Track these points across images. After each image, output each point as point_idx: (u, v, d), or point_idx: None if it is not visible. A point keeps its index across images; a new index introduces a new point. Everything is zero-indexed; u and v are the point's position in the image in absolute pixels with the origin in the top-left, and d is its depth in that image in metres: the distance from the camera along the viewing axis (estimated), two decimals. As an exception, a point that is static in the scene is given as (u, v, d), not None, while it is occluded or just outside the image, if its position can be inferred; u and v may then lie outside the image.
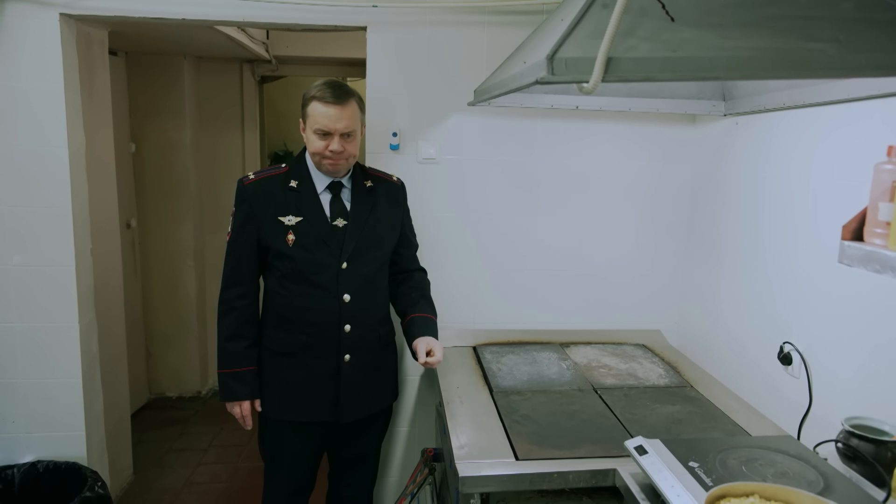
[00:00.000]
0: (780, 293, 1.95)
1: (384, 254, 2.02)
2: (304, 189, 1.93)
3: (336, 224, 1.92)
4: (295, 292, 1.91)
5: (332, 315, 1.91)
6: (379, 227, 1.99)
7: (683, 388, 2.05)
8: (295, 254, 1.88)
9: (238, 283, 1.94)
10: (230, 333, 1.94)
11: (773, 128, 2.01)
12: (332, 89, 1.82)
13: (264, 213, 1.90)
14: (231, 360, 1.94)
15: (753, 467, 1.34)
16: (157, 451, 3.45)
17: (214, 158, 4.20)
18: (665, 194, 2.55)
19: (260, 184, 1.93)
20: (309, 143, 1.88)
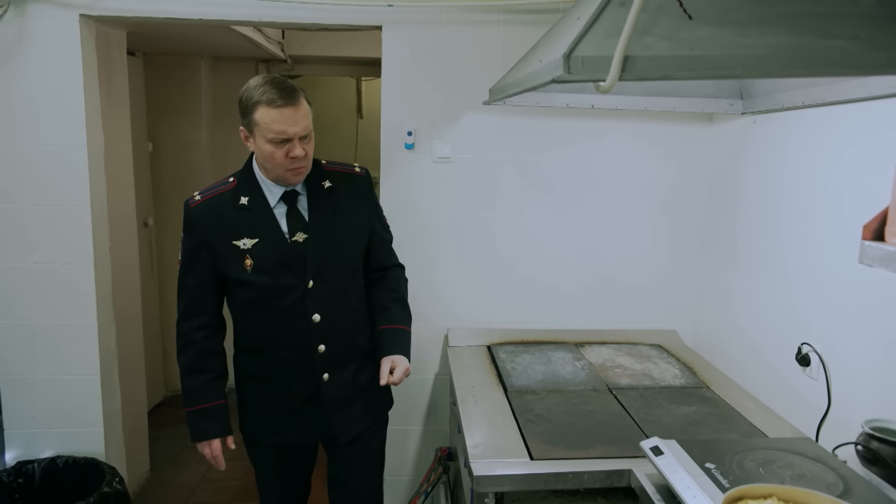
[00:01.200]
0: (798, 293, 1.93)
1: (354, 261, 1.85)
2: (256, 205, 1.73)
3: (296, 240, 1.73)
4: (260, 319, 1.76)
5: (302, 338, 1.76)
6: (343, 232, 1.80)
7: (699, 388, 2.04)
8: (255, 279, 1.71)
9: (197, 314, 1.79)
10: (190, 368, 1.79)
11: (791, 126, 1.99)
12: (279, 89, 1.60)
13: (217, 238, 1.71)
14: (195, 396, 1.79)
15: (771, 469, 1.33)
16: (173, 447, 3.48)
17: (229, 157, 4.22)
18: (681, 193, 2.53)
19: (208, 205, 1.73)
20: (262, 154, 1.66)
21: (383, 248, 1.95)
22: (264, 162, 1.68)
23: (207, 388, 1.79)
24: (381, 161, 2.45)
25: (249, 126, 1.65)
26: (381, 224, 1.94)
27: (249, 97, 1.62)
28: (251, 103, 1.62)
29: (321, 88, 5.49)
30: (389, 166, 2.45)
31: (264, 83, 1.62)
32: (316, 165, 1.81)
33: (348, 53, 4.06)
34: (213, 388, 1.79)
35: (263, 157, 1.66)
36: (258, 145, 1.65)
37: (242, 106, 1.64)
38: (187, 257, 1.76)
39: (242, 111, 1.65)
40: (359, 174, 1.88)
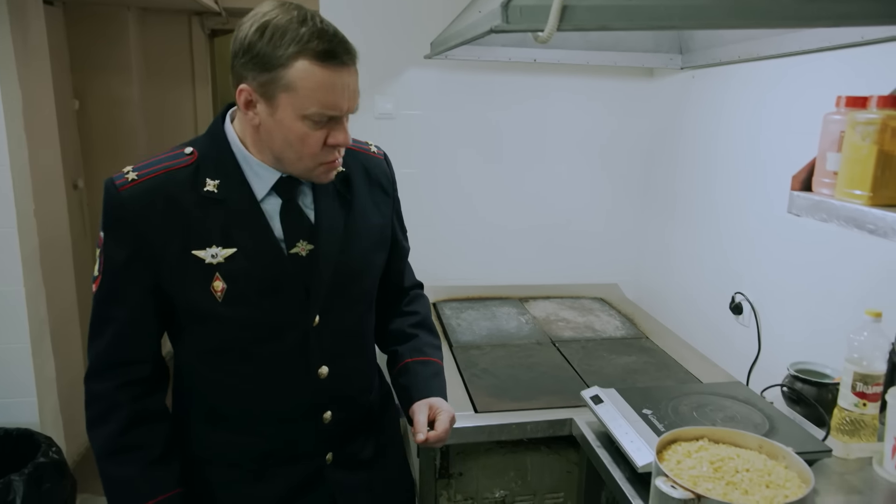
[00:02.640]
0: (731, 245, 1.99)
1: (374, 284, 1.28)
2: (233, 195, 1.09)
3: (296, 252, 1.12)
4: (234, 373, 1.13)
5: (301, 403, 1.17)
6: (362, 241, 1.21)
7: (639, 339, 2.10)
8: (229, 312, 1.08)
9: (124, 364, 1.10)
10: (114, 448, 1.10)
11: (727, 81, 2.02)
12: (333, 39, 1.01)
13: (164, 244, 1.06)
14: (127, 492, 1.10)
15: (704, 412, 1.38)
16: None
17: (164, 115, 4.05)
18: (622, 148, 2.56)
19: (150, 188, 1.06)
20: (282, 135, 1.04)
21: (403, 263, 1.41)
22: (282, 147, 1.06)
23: (150, 475, 1.11)
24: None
25: (271, 87, 1.00)
26: (401, 228, 1.38)
27: (280, 39, 0.99)
28: (285, 51, 0.98)
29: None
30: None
31: (306, 21, 1.00)
32: None
33: (286, 5, 3.90)
34: (160, 474, 1.12)
35: (284, 140, 1.04)
36: (281, 119, 1.02)
37: (258, 52, 1.00)
38: (111, 275, 1.08)
39: (258, 60, 1.00)
40: (377, 155, 1.31)
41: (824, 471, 1.27)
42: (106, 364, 1.11)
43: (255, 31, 1.00)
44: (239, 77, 1.04)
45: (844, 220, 1.05)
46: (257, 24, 1.01)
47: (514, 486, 1.61)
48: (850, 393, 1.31)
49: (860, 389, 1.30)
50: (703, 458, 1.06)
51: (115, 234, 1.07)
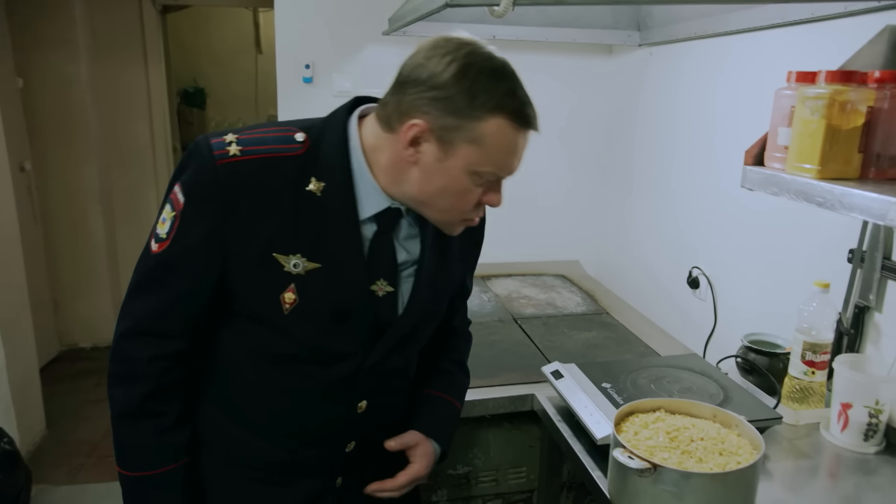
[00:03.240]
0: (688, 220, 2.03)
1: (433, 327, 1.21)
2: (337, 204, 0.99)
3: (375, 290, 1.04)
4: (277, 388, 1.08)
5: (333, 432, 1.12)
6: (444, 292, 1.17)
7: (600, 314, 2.13)
8: (290, 327, 1.01)
9: (161, 335, 1.02)
10: (133, 411, 1.04)
11: (683, 58, 2.04)
12: (527, 102, 0.97)
13: (249, 235, 0.97)
14: (140, 453, 1.06)
15: (661, 384, 1.41)
16: (71, 403, 3.32)
17: (115, 94, 3.92)
18: (582, 125, 2.57)
19: (252, 170, 0.96)
20: (446, 187, 0.97)
21: (462, 305, 1.34)
22: (435, 194, 0.98)
23: (162, 443, 1.06)
24: (278, 96, 2.33)
25: (456, 134, 0.92)
26: (471, 272, 1.31)
27: (481, 89, 0.90)
28: (485, 103, 0.91)
29: (216, 22, 5.15)
30: (287, 102, 2.33)
31: (506, 73, 0.94)
32: None
33: (241, -19, 3.80)
34: (171, 441, 1.07)
35: (444, 188, 0.96)
36: (450, 168, 0.94)
37: (452, 95, 0.90)
38: (182, 243, 0.98)
39: (450, 103, 0.90)
40: None
41: (775, 437, 1.31)
42: (145, 329, 1.02)
43: (454, 69, 0.90)
44: (413, 109, 0.92)
45: (794, 193, 1.07)
46: (458, 64, 0.90)
47: (478, 462, 1.63)
48: (800, 362, 1.36)
49: (809, 358, 1.34)
50: (659, 428, 1.08)
51: (200, 206, 0.96)
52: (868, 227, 1.36)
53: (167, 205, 1.00)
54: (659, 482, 0.95)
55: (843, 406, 1.27)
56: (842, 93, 1.02)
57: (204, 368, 1.11)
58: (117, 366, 1.04)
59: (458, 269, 1.18)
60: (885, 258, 1.32)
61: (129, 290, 1.03)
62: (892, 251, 1.32)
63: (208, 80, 5.24)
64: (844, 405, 1.27)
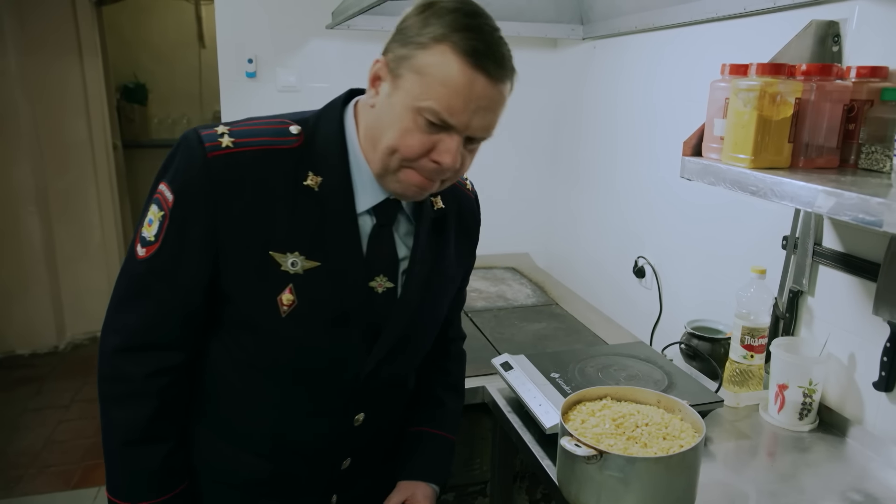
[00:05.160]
0: (632, 211, 2.07)
1: (434, 335, 1.15)
2: (335, 199, 0.94)
3: (373, 287, 0.98)
4: (268, 401, 1.01)
5: (328, 447, 1.06)
6: (442, 291, 1.10)
7: (549, 306, 2.15)
8: (288, 332, 0.94)
9: (156, 347, 0.95)
10: (137, 436, 0.96)
11: (625, 51, 2.07)
12: (492, 44, 0.86)
13: (243, 233, 0.91)
14: (144, 481, 0.98)
15: (608, 373, 1.44)
16: (9, 412, 3.18)
17: (49, 90, 3.75)
18: (529, 119, 2.59)
19: (245, 162, 0.90)
20: (388, 120, 0.89)
21: (457, 311, 1.27)
22: (381, 133, 0.90)
23: (168, 467, 0.99)
24: (221, 91, 2.28)
25: (403, 63, 0.87)
26: (466, 277, 1.23)
27: (434, 19, 0.85)
28: (432, 31, 0.85)
29: (156, 14, 4.99)
30: (230, 97, 2.28)
31: (475, 16, 0.86)
32: None
33: (179, -28, 3.69)
34: (175, 466, 1.00)
35: (388, 125, 0.88)
36: (395, 103, 0.88)
37: (407, 25, 0.88)
38: (171, 245, 0.91)
39: (403, 33, 0.88)
40: (469, 193, 1.19)
41: (717, 420, 1.35)
42: (140, 344, 0.95)
43: (417, 6, 0.88)
44: (384, 51, 0.90)
45: (730, 182, 1.10)
46: (424, 1, 0.87)
47: (431, 456, 1.63)
48: (739, 346, 1.40)
49: (748, 342, 1.39)
50: (605, 416, 1.10)
51: (190, 203, 0.89)
52: (800, 215, 1.41)
53: (153, 205, 0.92)
54: (605, 468, 0.97)
55: (780, 387, 1.32)
56: (772, 85, 1.05)
57: (192, 384, 1.02)
58: (113, 386, 0.96)
59: (453, 269, 1.11)
60: (816, 244, 1.37)
61: (115, 302, 0.95)
62: (822, 237, 1.37)
63: (150, 75, 5.07)
64: (781, 386, 1.31)
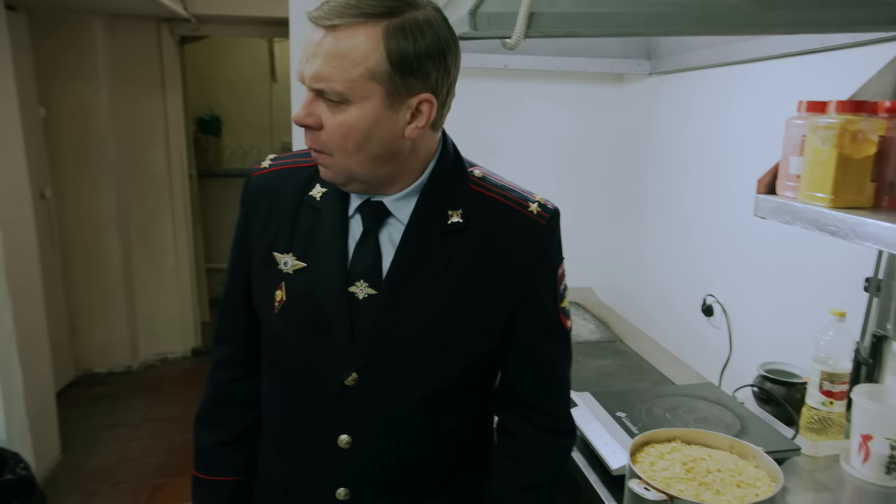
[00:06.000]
0: (701, 248, 2.02)
1: (446, 371, 0.99)
2: (328, 206, 0.99)
3: (354, 292, 0.96)
4: (278, 400, 1.07)
5: (318, 465, 1.02)
6: (446, 312, 0.97)
7: (613, 342, 2.12)
8: (280, 327, 1.01)
9: (221, 341, 1.12)
10: (203, 415, 1.14)
11: (694, 86, 2.05)
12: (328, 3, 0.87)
13: (261, 237, 1.03)
14: (201, 459, 1.14)
15: (677, 414, 1.40)
16: (86, 428, 3.34)
17: (134, 123, 4.00)
18: (593, 153, 2.58)
19: (272, 178, 1.03)
20: None
21: (534, 377, 1.04)
22: None
23: (217, 455, 1.12)
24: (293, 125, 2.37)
25: None
26: (544, 326, 1.03)
27: None
28: None
29: (232, 51, 5.26)
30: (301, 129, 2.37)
31: None
32: (451, 178, 1.00)
33: (257, 13, 3.88)
34: (225, 456, 1.12)
35: None
36: None
37: None
38: (233, 244, 1.08)
39: None
40: (534, 218, 1.03)
41: (794, 469, 1.29)
42: (215, 337, 1.13)
43: None
44: None
45: (807, 222, 1.07)
46: None
47: (491, 492, 1.61)
48: (818, 392, 1.34)
49: (827, 388, 1.33)
50: (675, 459, 1.07)
51: (239, 213, 1.06)
52: (883, 256, 1.35)
53: None
54: (675, 515, 0.94)
55: (864, 438, 1.25)
56: (852, 122, 1.02)
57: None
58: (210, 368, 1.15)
59: (481, 295, 0.97)
60: (902, 286, 1.31)
61: None
62: (908, 279, 1.31)
63: (224, 108, 5.33)
64: (864, 437, 1.25)
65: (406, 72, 0.85)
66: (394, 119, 0.88)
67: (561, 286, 1.05)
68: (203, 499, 1.15)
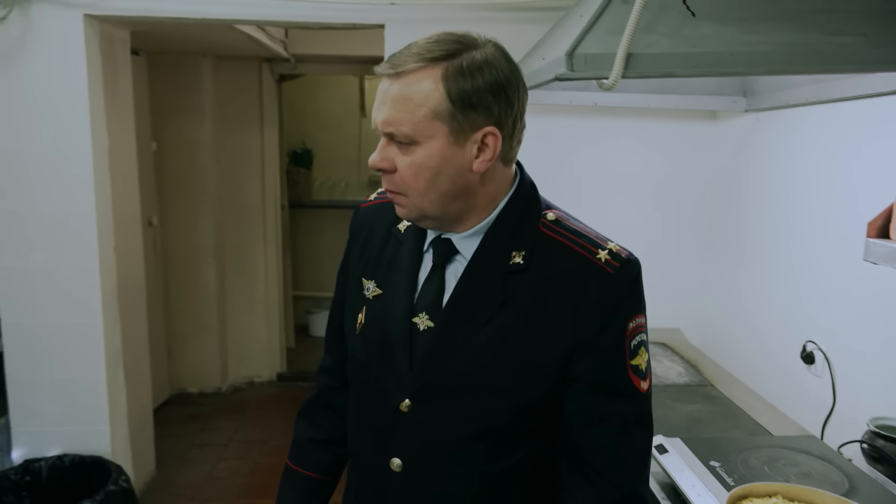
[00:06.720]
0: (803, 291, 1.92)
1: (496, 411, 0.97)
2: (408, 240, 1.05)
3: (416, 322, 1.00)
4: (354, 413, 1.13)
5: (375, 484, 1.07)
6: (499, 350, 0.96)
7: (704, 386, 2.04)
8: (359, 345, 1.08)
9: (328, 351, 1.24)
10: (303, 411, 1.27)
11: (797, 124, 1.98)
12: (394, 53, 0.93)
13: (355, 262, 1.12)
14: (294, 449, 1.26)
15: (776, 467, 1.32)
16: (178, 446, 3.50)
17: (234, 156, 4.24)
18: (684, 191, 2.53)
19: (374, 210, 1.12)
20: None
21: (599, 433, 0.97)
22: None
23: (308, 449, 1.24)
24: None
25: None
26: (604, 381, 0.96)
27: None
28: None
29: (325, 87, 5.50)
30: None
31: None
32: (521, 217, 1.01)
33: (351, 52, 4.06)
34: (314, 453, 1.23)
35: None
36: None
37: None
38: (339, 267, 1.19)
39: None
40: (600, 265, 0.97)
41: (910, 535, 1.19)
42: (325, 345, 1.25)
43: None
44: None
45: (926, 269, 1.01)
46: None
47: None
48: (937, 452, 1.24)
49: (948, 449, 1.22)
50: (776, 516, 1.02)
51: (347, 241, 1.16)
52: None
53: None
54: (779, 576, 0.89)
55: None
56: (979, 166, 0.96)
57: None
58: None
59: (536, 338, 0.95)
60: None
61: None
62: None
63: (315, 141, 5.57)
64: None
65: (468, 107, 0.89)
66: (460, 155, 0.91)
67: (633, 341, 0.98)
68: (288, 485, 1.25)
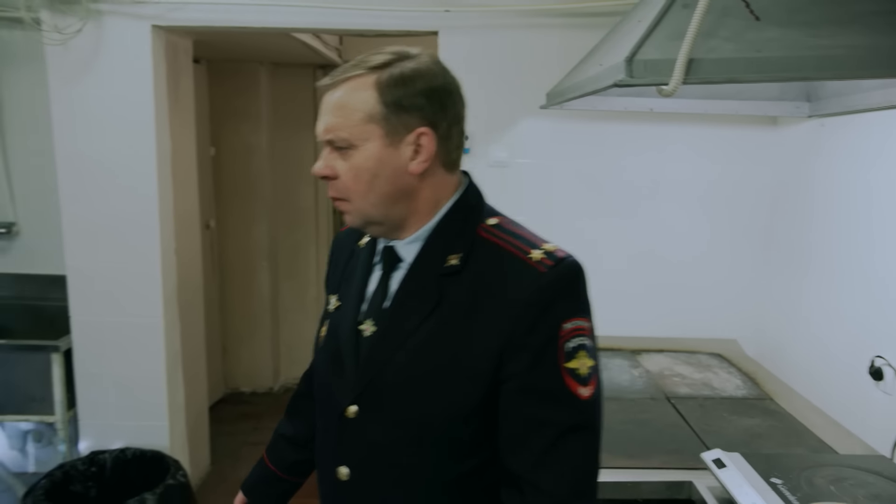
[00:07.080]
0: (870, 303, 1.84)
1: (436, 416, 0.95)
2: (363, 252, 1.09)
3: (362, 329, 1.02)
4: (316, 426, 1.16)
5: (328, 493, 1.09)
6: (434, 353, 0.95)
7: (762, 400, 1.97)
8: (317, 361, 1.15)
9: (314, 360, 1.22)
10: (287, 405, 1.34)
11: (864, 130, 1.91)
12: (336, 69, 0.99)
13: (328, 282, 1.18)
14: (270, 440, 1.34)
15: (843, 487, 1.27)
16: (232, 443, 3.58)
17: (288, 161, 4.34)
18: (743, 199, 2.46)
19: (346, 235, 1.17)
20: None
21: (527, 440, 0.91)
22: None
23: (276, 441, 1.32)
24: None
25: None
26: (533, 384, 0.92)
27: None
28: None
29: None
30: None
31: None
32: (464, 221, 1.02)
33: (403, 58, 4.10)
34: (280, 447, 1.31)
35: None
36: None
37: None
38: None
39: None
40: (532, 265, 0.95)
41: None
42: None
43: None
44: None
45: None
46: None
47: (627, 549, 1.55)
48: None
49: None
50: (843, 537, 0.98)
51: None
52: None
53: None
54: None
55: None
56: None
57: None
58: None
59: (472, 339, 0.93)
60: None
61: None
62: None
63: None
64: None
65: (400, 109, 0.93)
66: (396, 156, 0.94)
67: (569, 343, 0.93)
68: (256, 469, 1.32)
